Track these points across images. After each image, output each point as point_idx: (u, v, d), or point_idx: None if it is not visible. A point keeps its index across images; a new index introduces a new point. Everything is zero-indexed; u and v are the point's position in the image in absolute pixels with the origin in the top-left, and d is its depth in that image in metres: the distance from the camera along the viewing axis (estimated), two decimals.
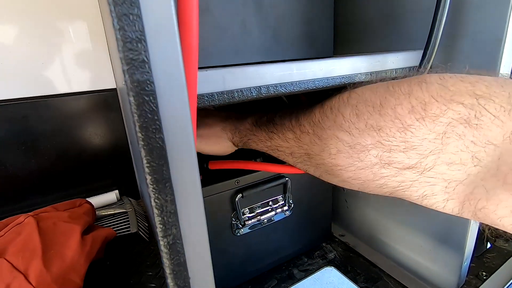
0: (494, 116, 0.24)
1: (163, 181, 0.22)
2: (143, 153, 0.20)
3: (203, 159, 0.55)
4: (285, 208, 0.62)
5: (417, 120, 0.27)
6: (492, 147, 0.24)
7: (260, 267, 0.63)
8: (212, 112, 0.55)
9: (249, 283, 0.62)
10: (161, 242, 0.23)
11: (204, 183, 0.53)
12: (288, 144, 0.41)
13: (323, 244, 0.73)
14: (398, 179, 0.30)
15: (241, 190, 0.54)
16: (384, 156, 0.30)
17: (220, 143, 0.53)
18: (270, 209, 0.60)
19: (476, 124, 0.24)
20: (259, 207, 0.59)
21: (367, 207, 0.67)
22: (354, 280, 0.61)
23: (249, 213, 0.58)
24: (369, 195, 0.65)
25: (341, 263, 0.66)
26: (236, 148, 0.56)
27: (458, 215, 0.28)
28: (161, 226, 0.23)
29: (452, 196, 0.28)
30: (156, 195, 0.22)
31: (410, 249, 0.59)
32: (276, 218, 0.62)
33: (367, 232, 0.69)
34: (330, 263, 0.66)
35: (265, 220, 0.60)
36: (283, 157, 0.45)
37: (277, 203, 0.61)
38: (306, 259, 0.68)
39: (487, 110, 0.24)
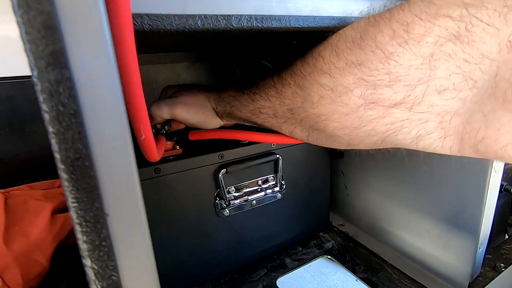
0: (487, 24, 0.21)
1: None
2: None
3: (184, 130, 0.50)
4: (277, 189, 0.56)
5: (400, 45, 0.24)
6: (487, 62, 0.22)
7: (249, 255, 0.57)
8: (196, 85, 0.51)
9: (236, 272, 0.56)
10: None
11: (184, 156, 0.48)
12: (270, 103, 0.38)
13: (320, 234, 0.66)
14: (387, 121, 0.28)
15: (225, 166, 0.49)
16: (368, 94, 0.27)
17: (204, 113, 0.48)
18: (259, 189, 0.55)
19: (467, 38, 0.22)
20: (246, 186, 0.54)
21: (368, 191, 0.61)
22: (352, 270, 0.54)
23: (235, 192, 0.53)
24: (370, 178, 0.59)
25: (339, 253, 0.59)
26: (222, 122, 0.52)
27: (459, 154, 0.26)
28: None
29: (449, 132, 0.25)
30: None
31: (416, 236, 0.53)
32: (267, 201, 0.56)
33: (369, 220, 0.62)
34: (327, 252, 0.60)
35: (254, 202, 0.54)
36: (268, 122, 0.41)
37: (267, 183, 0.56)
38: (300, 248, 0.61)
39: (478, 19, 0.21)
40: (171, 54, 0.81)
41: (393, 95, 0.26)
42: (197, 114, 0.48)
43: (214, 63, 0.76)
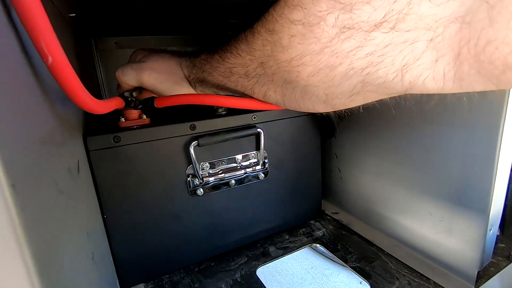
0: None
1: None
2: None
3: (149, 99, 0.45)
4: (258, 168, 0.50)
5: None
6: None
7: (228, 243, 0.51)
8: (165, 50, 0.46)
9: (212, 260, 0.50)
10: None
11: (151, 126, 0.42)
12: (241, 59, 0.35)
13: (311, 222, 0.60)
14: (366, 51, 0.23)
15: (197, 138, 0.44)
16: (345, 18, 0.23)
17: (175, 81, 0.44)
18: (238, 167, 0.49)
19: None
20: (223, 162, 0.48)
21: (363, 173, 0.55)
22: (343, 259, 0.48)
23: (210, 169, 0.47)
24: (364, 158, 0.53)
25: (330, 241, 0.53)
26: (194, 92, 0.46)
27: (455, 85, 0.20)
28: None
29: (442, 50, 0.20)
30: None
31: (415, 220, 0.46)
32: (248, 181, 0.50)
33: (363, 206, 0.56)
34: (316, 241, 0.53)
35: (233, 181, 0.48)
36: (240, 85, 0.38)
37: (247, 161, 0.50)
38: (287, 236, 0.55)
39: None
40: (160, 37, 0.77)
41: (372, 14, 0.22)
42: (167, 82, 0.43)
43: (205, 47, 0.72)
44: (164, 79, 0.43)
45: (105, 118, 0.46)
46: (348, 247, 0.51)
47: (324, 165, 0.63)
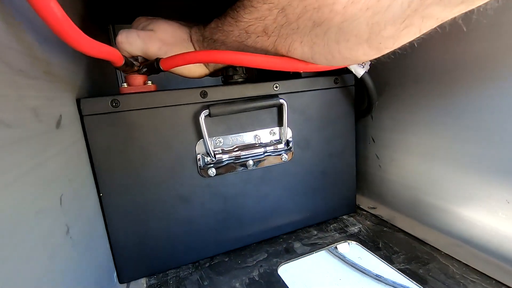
0: None
1: None
2: None
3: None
4: (281, 146, 0.42)
5: None
6: None
7: (245, 236, 0.44)
8: (172, 19, 0.41)
9: (226, 255, 0.43)
10: None
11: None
12: (257, 13, 0.30)
13: (344, 217, 0.51)
14: None
15: (208, 106, 0.37)
16: None
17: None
18: (257, 144, 0.42)
19: None
20: (239, 138, 0.41)
21: (408, 157, 0.45)
22: (387, 259, 0.38)
23: (224, 145, 0.40)
24: (410, 138, 0.43)
25: (368, 239, 0.43)
26: (206, 70, 0.42)
27: None
28: None
29: None
30: None
31: (485, 211, 0.36)
32: (269, 163, 0.43)
33: (410, 197, 0.46)
34: (351, 237, 0.44)
35: (251, 162, 0.41)
36: (260, 46, 0.33)
37: (268, 138, 0.42)
38: (315, 232, 0.47)
39: None
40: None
41: None
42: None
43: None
44: (173, 53, 0.37)
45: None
46: (393, 246, 0.41)
47: (358, 152, 0.54)
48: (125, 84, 0.38)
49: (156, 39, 0.38)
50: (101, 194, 0.35)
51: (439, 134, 0.40)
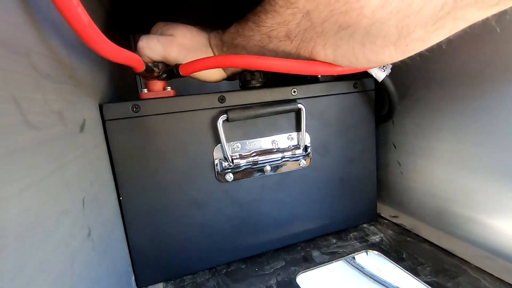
0: None
1: None
2: None
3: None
4: (299, 152, 0.42)
5: None
6: None
7: (262, 242, 0.43)
8: (190, 25, 0.42)
9: (243, 262, 0.42)
10: None
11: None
12: (280, 17, 0.30)
13: (364, 225, 0.49)
14: None
15: (226, 111, 0.37)
16: None
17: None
18: (274, 150, 0.41)
19: None
20: (257, 143, 0.40)
21: (433, 163, 0.43)
22: (412, 271, 0.36)
23: (241, 150, 0.40)
24: (434, 143, 0.42)
25: (391, 249, 0.41)
26: (224, 74, 0.42)
27: None
28: None
29: None
30: None
31: None
32: (287, 169, 0.42)
33: (435, 206, 0.44)
34: (372, 247, 0.42)
35: (268, 167, 0.41)
36: (281, 50, 0.33)
37: (286, 143, 0.42)
38: (334, 241, 0.45)
39: None
40: None
41: None
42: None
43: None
44: (193, 58, 0.38)
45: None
46: (418, 257, 0.39)
47: (378, 159, 0.52)
48: (145, 90, 0.38)
49: (176, 44, 0.39)
50: (121, 198, 0.35)
51: (467, 140, 0.38)
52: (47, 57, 0.20)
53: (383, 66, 0.40)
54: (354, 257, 0.40)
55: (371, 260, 0.40)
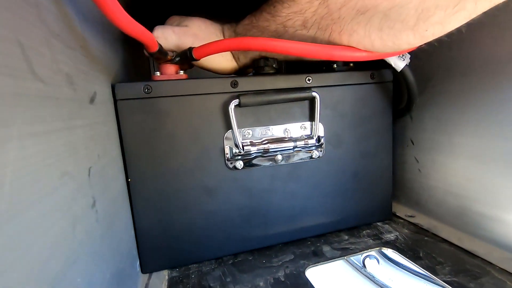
0: None
1: None
2: None
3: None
4: (312, 142, 0.40)
5: None
6: None
7: (271, 235, 0.41)
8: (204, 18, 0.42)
9: (250, 253, 0.40)
10: None
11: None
12: (296, 6, 0.30)
13: (378, 224, 0.47)
14: None
15: (238, 96, 0.36)
16: None
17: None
18: (286, 138, 0.40)
19: None
20: (269, 131, 0.39)
21: (453, 159, 0.41)
22: (430, 270, 0.34)
23: (252, 137, 0.39)
24: (456, 138, 0.39)
25: (407, 247, 0.39)
26: (235, 65, 0.42)
27: None
28: None
29: None
30: None
31: None
32: (298, 159, 0.41)
33: (455, 205, 0.41)
34: (387, 245, 0.40)
35: (279, 156, 0.40)
36: (297, 37, 0.33)
37: (298, 133, 0.41)
38: (346, 237, 0.43)
39: None
40: None
41: None
42: None
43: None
44: None
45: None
46: (436, 256, 0.37)
47: (395, 155, 0.50)
48: (157, 73, 0.38)
49: (190, 34, 0.39)
50: (129, 180, 0.35)
51: (491, 134, 0.36)
52: (58, 17, 0.19)
53: (402, 55, 0.38)
54: (364, 265, 0.38)
55: (383, 268, 0.38)
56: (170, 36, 0.38)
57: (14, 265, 0.12)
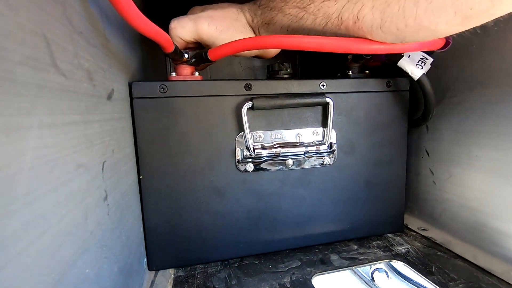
0: None
1: None
2: None
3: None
4: (323, 148, 0.40)
5: None
6: None
7: (278, 240, 0.41)
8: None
9: (257, 258, 0.40)
10: None
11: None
12: None
13: (389, 235, 0.46)
14: None
15: (252, 99, 0.36)
16: None
17: (237, 28, 0.38)
18: (298, 143, 0.40)
19: None
20: (280, 135, 0.39)
21: (471, 172, 0.40)
22: (442, 286, 0.33)
23: (263, 140, 0.39)
24: (474, 150, 0.38)
25: (418, 261, 0.38)
26: None
27: None
28: None
29: None
30: None
31: None
32: (309, 164, 0.40)
33: (473, 221, 0.40)
34: (397, 257, 0.39)
35: (290, 161, 0.39)
36: (322, 13, 0.30)
37: (310, 138, 0.40)
38: (355, 247, 0.42)
39: None
40: None
41: None
42: (228, 30, 0.37)
43: None
44: (225, 27, 0.37)
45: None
46: (449, 272, 0.35)
47: (409, 166, 0.49)
48: (173, 73, 0.39)
49: (206, 16, 0.37)
50: (141, 177, 0.36)
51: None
52: (82, 15, 0.20)
53: (421, 62, 0.38)
54: (373, 278, 0.37)
55: (392, 282, 0.37)
56: (186, 23, 0.37)
57: (27, 249, 0.12)
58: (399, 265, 0.38)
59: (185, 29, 0.37)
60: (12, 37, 0.12)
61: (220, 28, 0.37)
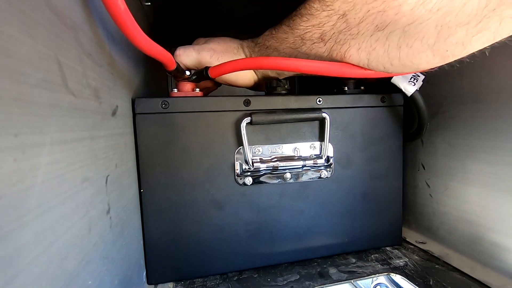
0: None
1: None
2: None
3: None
4: (321, 162, 0.41)
5: None
6: None
7: (277, 253, 0.41)
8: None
9: (255, 271, 0.40)
10: None
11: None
12: (315, 20, 0.30)
13: (387, 248, 0.46)
14: None
15: (250, 114, 0.38)
16: None
17: None
18: (296, 157, 0.41)
19: None
20: (278, 149, 0.40)
21: (467, 186, 0.40)
22: None
23: (262, 154, 0.40)
24: (469, 164, 0.39)
25: (417, 274, 0.38)
26: (255, 76, 0.43)
27: None
28: None
29: None
30: None
31: None
32: (307, 178, 0.41)
33: (468, 233, 0.40)
34: (395, 270, 0.39)
35: (288, 174, 0.40)
36: (314, 53, 0.33)
37: (308, 152, 0.41)
38: (354, 260, 0.42)
39: None
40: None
41: None
42: None
43: None
44: (225, 60, 0.39)
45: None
46: (447, 286, 0.35)
47: (405, 179, 0.50)
48: (175, 90, 0.40)
49: (208, 48, 0.41)
50: (141, 190, 0.36)
51: (505, 160, 0.35)
52: (90, 37, 0.22)
53: (413, 79, 0.39)
54: (372, 278, 0.37)
55: (395, 283, 0.37)
56: (191, 52, 0.41)
57: (37, 259, 0.13)
58: (397, 278, 0.38)
59: (189, 57, 0.41)
60: (30, 62, 0.13)
61: (221, 60, 0.40)
